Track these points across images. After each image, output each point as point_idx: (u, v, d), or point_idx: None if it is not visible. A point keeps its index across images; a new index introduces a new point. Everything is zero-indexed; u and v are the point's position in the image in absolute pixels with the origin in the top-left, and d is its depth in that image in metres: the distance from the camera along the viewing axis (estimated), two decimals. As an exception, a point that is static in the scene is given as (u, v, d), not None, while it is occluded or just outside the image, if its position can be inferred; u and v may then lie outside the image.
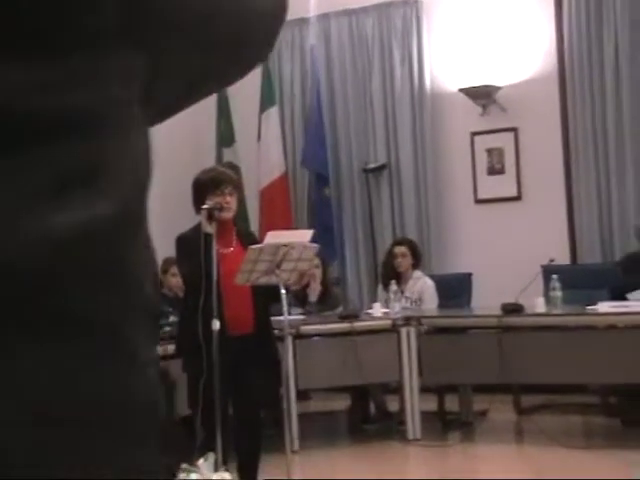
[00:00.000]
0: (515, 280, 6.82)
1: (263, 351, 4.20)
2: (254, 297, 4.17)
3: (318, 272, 6.07)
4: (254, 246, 4.01)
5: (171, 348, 5.13)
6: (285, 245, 3.99)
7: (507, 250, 7.33)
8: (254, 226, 7.54)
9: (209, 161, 8.05)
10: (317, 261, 5.87)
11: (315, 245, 4.19)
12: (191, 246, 4.07)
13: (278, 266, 4.02)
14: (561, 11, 7.20)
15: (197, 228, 4.24)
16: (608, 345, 5.16)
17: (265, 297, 4.21)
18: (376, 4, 7.88)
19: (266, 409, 4.92)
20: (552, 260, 6.57)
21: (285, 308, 4.02)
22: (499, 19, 7.42)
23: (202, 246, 3.95)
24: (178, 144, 8.11)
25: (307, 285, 5.88)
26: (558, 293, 5.46)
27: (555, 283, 5.50)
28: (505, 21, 7.41)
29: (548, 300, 5.57)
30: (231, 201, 4.18)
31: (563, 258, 7.11)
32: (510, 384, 5.76)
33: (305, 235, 4.14)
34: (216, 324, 3.92)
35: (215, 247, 3.99)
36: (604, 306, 5.32)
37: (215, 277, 3.94)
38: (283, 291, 4.00)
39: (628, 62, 6.90)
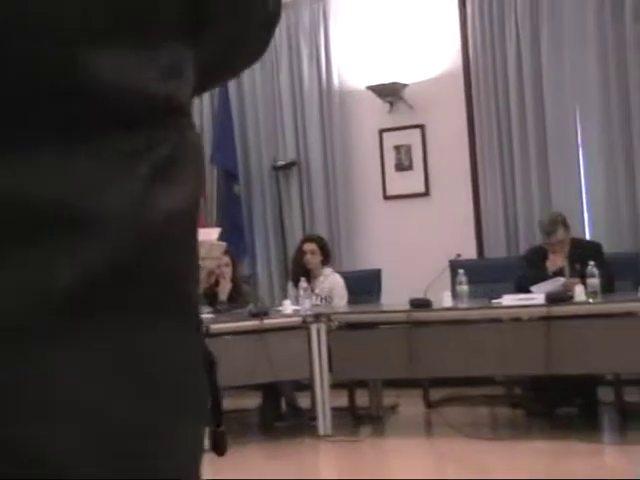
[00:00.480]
0: (424, 275, 6.92)
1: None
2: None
3: (228, 270, 6.05)
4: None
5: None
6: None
7: (415, 246, 7.43)
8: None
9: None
10: (227, 259, 5.87)
11: (222, 243, 4.19)
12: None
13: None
14: (465, 10, 7.33)
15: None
16: (513, 337, 5.28)
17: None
18: (284, 1, 7.86)
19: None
20: (459, 255, 6.69)
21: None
22: (406, 17, 7.51)
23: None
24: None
25: (217, 283, 5.87)
26: (464, 287, 5.56)
27: (461, 277, 5.60)
28: (412, 19, 7.50)
29: (455, 294, 5.67)
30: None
31: (470, 253, 7.24)
32: (419, 378, 5.84)
33: (212, 233, 4.13)
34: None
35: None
36: (509, 299, 5.43)
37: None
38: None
39: (529, 61, 7.06)
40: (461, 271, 5.64)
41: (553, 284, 5.49)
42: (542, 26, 7.02)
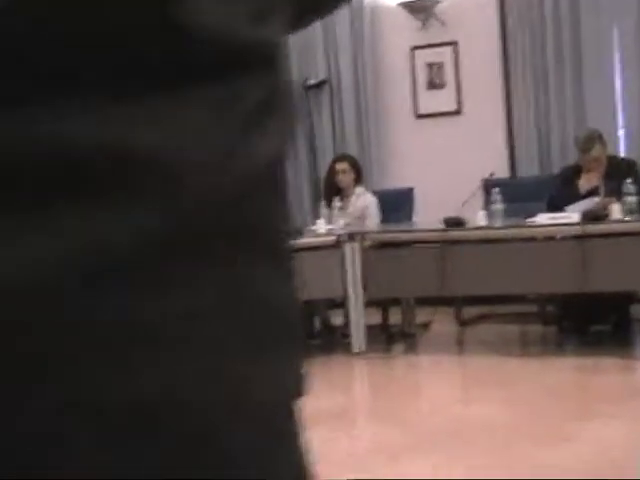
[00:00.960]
0: (456, 194, 6.93)
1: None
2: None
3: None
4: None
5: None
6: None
7: (448, 164, 7.41)
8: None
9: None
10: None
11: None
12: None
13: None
14: None
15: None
16: (547, 256, 5.28)
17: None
18: None
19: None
20: (492, 174, 6.66)
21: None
22: None
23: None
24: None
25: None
26: (499, 206, 5.55)
27: (495, 196, 5.58)
28: None
29: (489, 213, 5.66)
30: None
31: (502, 172, 7.21)
32: (452, 296, 5.87)
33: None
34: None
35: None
36: (543, 217, 5.42)
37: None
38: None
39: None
40: (495, 190, 5.62)
41: (587, 204, 5.46)
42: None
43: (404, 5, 7.41)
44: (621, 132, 6.88)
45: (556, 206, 5.73)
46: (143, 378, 0.48)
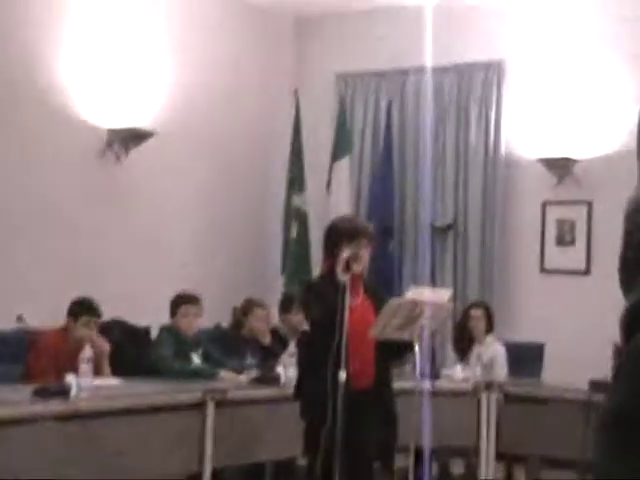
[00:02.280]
0: (583, 355, 6.84)
1: (382, 406, 4.15)
2: (377, 351, 4.13)
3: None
4: (394, 300, 3.97)
5: (251, 393, 5.10)
6: (423, 302, 3.96)
7: (572, 323, 7.30)
8: (316, 273, 7.49)
9: (277, 206, 8.06)
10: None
11: (451, 305, 4.17)
12: (323, 294, 4.03)
13: (413, 322, 3.99)
14: (647, 92, 7.26)
15: (326, 276, 4.20)
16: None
17: (389, 352, 4.17)
18: (457, 64, 7.93)
19: (381, 464, 4.86)
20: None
21: (418, 364, 3.98)
22: (583, 90, 7.48)
23: (340, 295, 3.91)
24: (250, 186, 8.13)
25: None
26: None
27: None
28: (588, 93, 7.47)
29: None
30: (365, 253, 4.16)
31: (628, 337, 7.09)
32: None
33: (444, 295, 4.12)
34: (343, 375, 3.87)
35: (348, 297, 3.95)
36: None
37: (346, 327, 3.89)
38: (417, 348, 3.97)
39: None
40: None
41: None
42: None
43: (542, 161, 7.47)
44: None
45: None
46: None
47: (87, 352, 4.42)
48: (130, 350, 5.64)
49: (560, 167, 7.45)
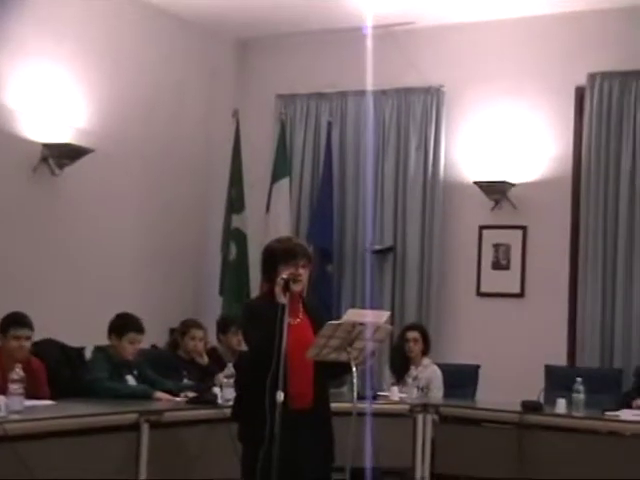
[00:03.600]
0: (516, 376, 6.95)
1: (320, 427, 4.15)
2: (315, 372, 4.13)
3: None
4: (332, 322, 3.98)
5: (190, 414, 5.06)
6: (361, 324, 3.97)
7: (507, 345, 7.42)
8: (255, 294, 7.47)
9: (217, 226, 8.04)
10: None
11: (389, 327, 4.19)
12: (262, 315, 4.02)
13: (350, 344, 4.00)
14: (582, 119, 7.42)
15: (265, 297, 4.20)
16: (631, 452, 5.22)
17: (327, 373, 4.17)
18: (397, 88, 8.02)
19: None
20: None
21: (355, 385, 3.98)
22: (519, 118, 7.62)
23: (278, 316, 3.91)
24: (189, 206, 8.10)
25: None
26: (581, 396, 5.51)
27: (579, 386, 5.55)
28: (524, 121, 7.61)
29: (568, 401, 5.61)
30: (304, 274, 4.17)
31: (561, 359, 7.22)
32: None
33: (382, 316, 4.13)
34: (281, 396, 3.86)
35: (286, 318, 3.95)
36: (627, 414, 5.41)
37: (285, 347, 3.89)
38: (354, 369, 3.98)
39: (644, 181, 7.12)
40: (579, 379, 5.59)
41: None
42: (660, 144, 7.10)
43: (479, 184, 7.57)
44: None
45: (628, 402, 5.71)
46: None
47: (17, 372, 4.33)
48: (64, 371, 5.55)
49: (496, 191, 7.56)
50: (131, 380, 5.44)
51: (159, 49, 7.74)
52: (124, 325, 5.46)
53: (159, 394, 5.29)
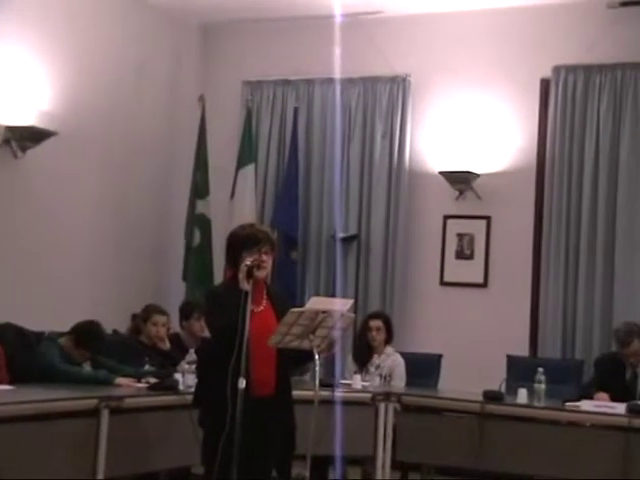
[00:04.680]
0: (478, 365, 7.00)
1: (282, 414, 4.14)
2: (278, 359, 4.12)
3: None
4: (295, 309, 3.96)
5: (148, 400, 5.02)
6: (324, 312, 3.96)
7: (469, 334, 7.46)
8: (219, 280, 7.43)
9: (181, 212, 7.99)
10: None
11: (352, 315, 4.18)
12: (225, 301, 4.00)
13: (313, 332, 3.99)
14: (546, 111, 7.45)
15: (229, 283, 4.17)
16: (588, 443, 5.27)
17: (290, 360, 4.16)
18: (363, 76, 8.00)
19: (278, 473, 4.84)
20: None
21: (317, 373, 3.97)
22: (485, 109, 7.64)
23: (241, 303, 3.88)
24: (153, 191, 8.03)
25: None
26: (542, 386, 5.54)
27: (540, 376, 5.58)
28: (491, 112, 7.63)
29: (530, 391, 5.64)
30: (267, 260, 4.15)
31: (522, 349, 7.26)
32: (483, 471, 5.75)
33: (346, 304, 4.13)
34: (243, 382, 3.84)
35: (250, 305, 3.93)
36: (587, 404, 5.44)
37: (247, 334, 3.87)
38: (316, 357, 3.97)
39: (607, 168, 7.16)
40: (540, 370, 5.62)
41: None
42: (623, 136, 7.14)
43: (444, 174, 7.59)
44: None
45: (589, 393, 5.75)
46: None
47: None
48: (23, 356, 5.47)
49: (461, 181, 7.58)
50: (86, 367, 5.38)
51: (124, 33, 7.66)
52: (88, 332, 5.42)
53: (120, 379, 5.25)
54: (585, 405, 5.45)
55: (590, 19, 7.31)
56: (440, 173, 7.62)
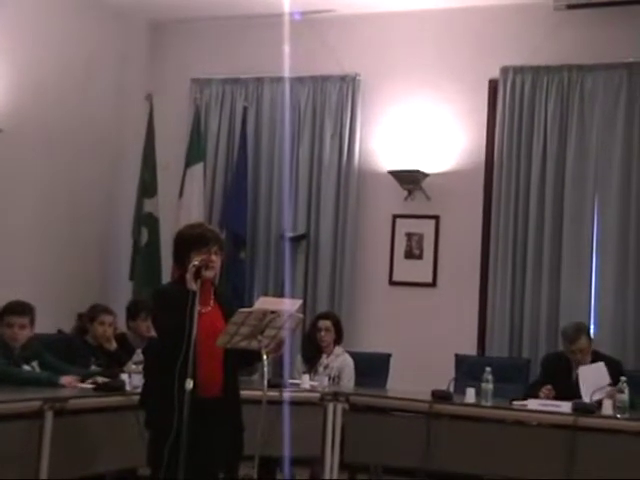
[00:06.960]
0: (426, 364, 7.02)
1: (229, 415, 4.10)
2: (225, 360, 4.08)
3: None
4: (243, 310, 3.93)
5: (94, 401, 4.94)
6: (273, 312, 3.93)
7: (417, 333, 7.49)
8: (166, 280, 7.35)
9: (128, 210, 7.90)
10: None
11: (301, 316, 4.16)
12: (173, 301, 3.95)
13: (261, 332, 3.96)
14: (495, 112, 7.50)
15: (177, 283, 4.13)
16: (535, 442, 5.30)
17: (238, 361, 4.13)
18: (313, 75, 7.98)
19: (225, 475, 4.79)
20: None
21: (266, 373, 3.94)
22: (434, 109, 7.67)
23: (189, 303, 3.84)
24: (100, 189, 7.93)
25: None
26: (490, 385, 5.56)
27: (488, 375, 5.60)
28: (440, 112, 7.66)
29: (477, 391, 5.66)
30: (217, 260, 4.11)
31: (470, 348, 7.30)
32: (432, 471, 5.76)
33: (294, 304, 4.10)
34: (190, 383, 3.80)
35: (197, 306, 3.89)
36: (534, 403, 5.48)
37: (195, 334, 3.83)
38: (265, 357, 3.94)
39: (553, 173, 7.22)
40: (488, 369, 5.64)
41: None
42: (570, 137, 7.21)
43: (393, 174, 7.59)
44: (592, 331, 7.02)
45: (535, 392, 5.79)
46: None
47: None
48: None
49: (410, 181, 7.59)
50: (36, 368, 5.28)
51: (70, 29, 7.54)
52: (2, 309, 5.26)
53: (65, 378, 5.13)
54: (532, 404, 5.48)
55: (537, 21, 7.38)
56: (389, 172, 7.63)
